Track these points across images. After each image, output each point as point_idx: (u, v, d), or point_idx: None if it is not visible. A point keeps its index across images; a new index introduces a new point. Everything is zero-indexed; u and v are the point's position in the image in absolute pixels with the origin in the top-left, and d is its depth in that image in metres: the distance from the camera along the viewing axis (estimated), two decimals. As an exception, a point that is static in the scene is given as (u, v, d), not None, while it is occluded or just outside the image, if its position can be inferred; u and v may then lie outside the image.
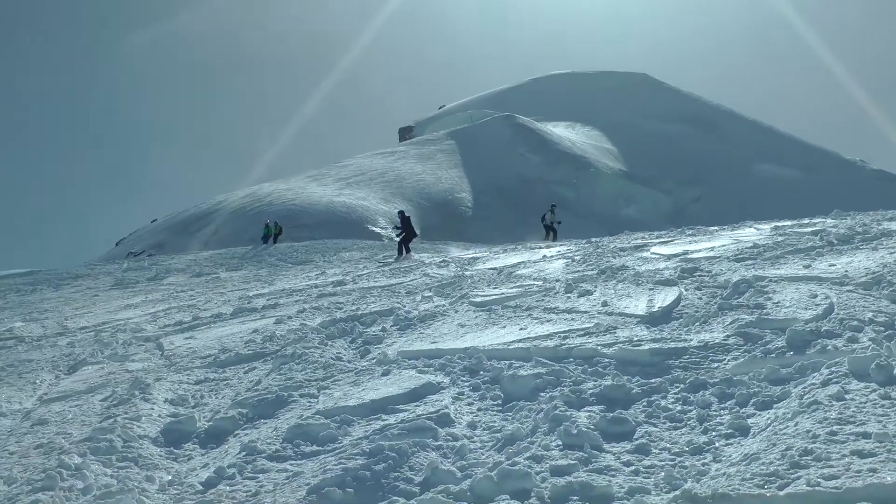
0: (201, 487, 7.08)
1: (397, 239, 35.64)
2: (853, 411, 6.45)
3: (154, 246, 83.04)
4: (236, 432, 8.65)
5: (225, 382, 11.02)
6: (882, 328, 9.02)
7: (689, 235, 22.79)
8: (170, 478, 7.46)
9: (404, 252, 32.96)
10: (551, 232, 41.21)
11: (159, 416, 9.53)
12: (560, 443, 6.87)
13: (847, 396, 6.80)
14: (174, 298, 24.36)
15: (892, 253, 13.82)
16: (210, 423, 9.04)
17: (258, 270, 33.28)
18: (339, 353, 11.70)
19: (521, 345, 10.37)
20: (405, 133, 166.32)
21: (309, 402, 9.24)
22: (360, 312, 14.95)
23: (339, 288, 21.00)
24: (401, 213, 37.82)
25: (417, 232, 36.75)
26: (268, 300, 20.03)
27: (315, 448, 7.58)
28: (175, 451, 8.35)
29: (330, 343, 12.46)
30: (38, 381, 12.73)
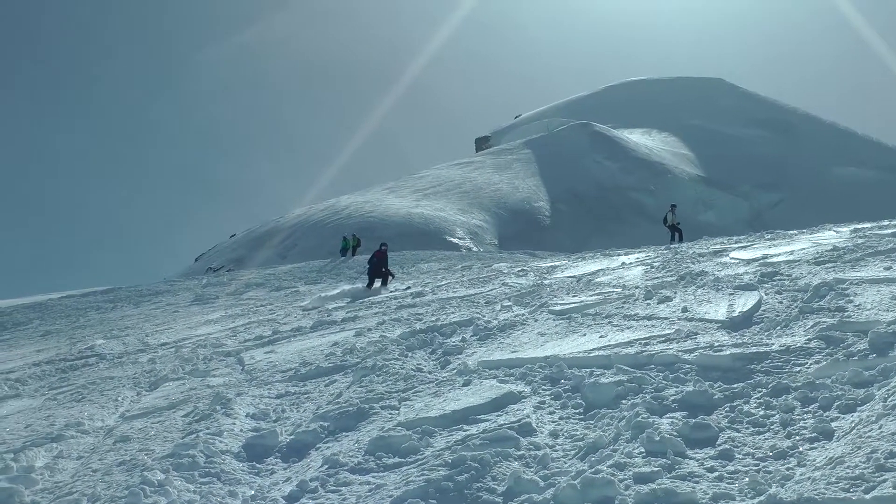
0: (284, 502, 7.13)
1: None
2: (938, 413, 6.36)
3: (233, 261, 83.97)
4: (318, 445, 8.70)
5: (306, 396, 11.09)
6: (966, 329, 8.87)
7: (768, 239, 22.54)
8: (252, 492, 7.53)
9: (376, 283, 29.23)
10: (676, 233, 39.10)
11: (241, 430, 9.61)
12: (643, 450, 6.83)
13: (931, 398, 6.70)
14: (254, 313, 24.60)
15: (975, 253, 13.60)
16: (292, 436, 9.10)
17: (337, 283, 33.47)
18: (420, 364, 11.73)
19: (601, 352, 10.33)
20: (482, 143, 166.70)
21: (390, 413, 9.27)
22: (439, 323, 14.98)
23: (418, 299, 21.07)
24: (385, 244, 32.63)
25: (392, 273, 31.15)
26: (347, 313, 20.14)
27: (397, 460, 7.60)
28: (257, 465, 8.41)
29: (410, 354, 12.50)
30: (119, 398, 12.90)
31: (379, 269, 29.50)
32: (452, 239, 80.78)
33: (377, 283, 29.13)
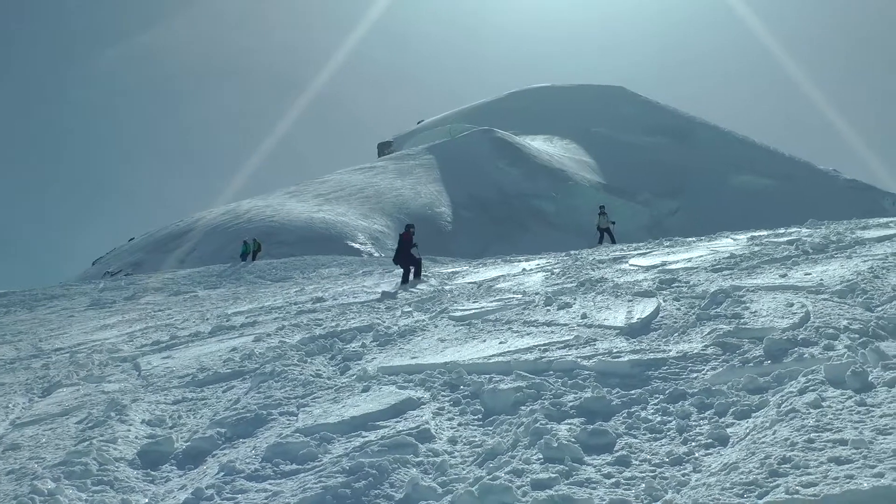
0: (179, 509, 7.05)
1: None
2: (830, 419, 6.49)
3: (131, 265, 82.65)
4: (215, 452, 8.61)
5: (203, 402, 10.97)
6: (857, 335, 9.08)
7: (667, 247, 22.88)
8: (146, 500, 7.44)
9: (409, 277, 25.24)
10: (607, 234, 38.92)
11: (136, 437, 9.47)
12: (541, 456, 6.88)
13: (824, 404, 6.83)
14: (151, 318, 24.26)
15: (865, 261, 13.94)
16: (188, 443, 8.99)
17: (237, 288, 33.17)
18: (319, 370, 11.66)
19: (501, 358, 10.37)
20: (384, 148, 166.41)
21: (288, 420, 9.20)
22: (339, 329, 14.93)
23: (318, 304, 20.97)
24: (412, 226, 27.75)
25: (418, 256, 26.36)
26: (246, 318, 19.98)
27: (295, 467, 7.54)
28: (152, 472, 8.30)
29: (309, 360, 12.41)
30: (10, 405, 12.64)
31: (407, 256, 25.79)
32: (354, 244, 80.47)
33: (411, 276, 25.54)
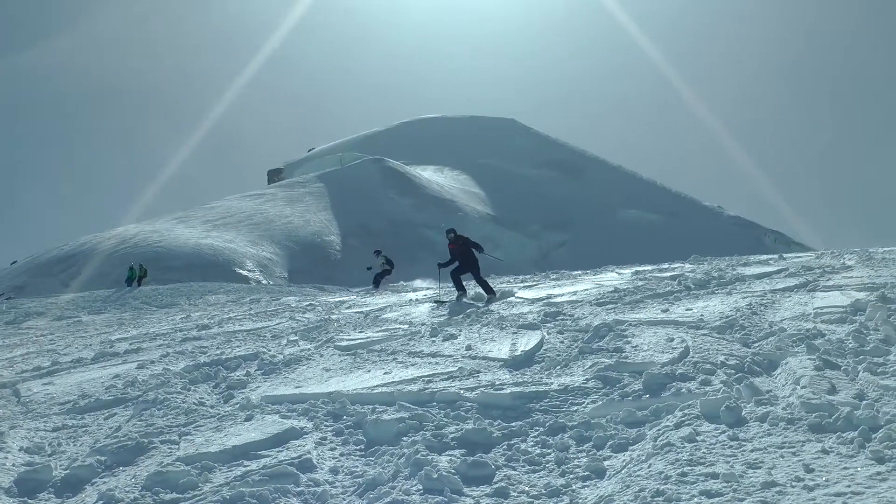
0: (56, 538, 6.96)
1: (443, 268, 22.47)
2: (703, 452, 6.67)
3: (13, 289, 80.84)
4: (94, 480, 8.47)
5: (84, 429, 10.79)
6: (733, 371, 9.34)
7: (553, 279, 23.17)
8: (23, 529, 7.31)
9: (464, 287, 21.55)
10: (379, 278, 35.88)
11: (13, 465, 9.28)
12: (421, 487, 6.93)
13: (698, 438, 7.02)
14: (33, 343, 23.76)
15: (745, 297, 14.31)
16: (67, 471, 8.83)
17: (121, 314, 32.68)
18: (202, 398, 11.56)
19: (385, 389, 10.41)
20: (274, 175, 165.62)
21: (170, 448, 9.11)
22: (224, 357, 14.80)
23: (203, 332, 20.77)
24: (452, 230, 22.61)
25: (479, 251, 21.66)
26: (130, 344, 19.68)
27: (175, 496, 7.47)
28: (29, 501, 8.14)
29: (193, 388, 12.30)
30: None
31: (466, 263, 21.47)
32: (242, 271, 79.90)
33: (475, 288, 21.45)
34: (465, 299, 20.56)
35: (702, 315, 12.95)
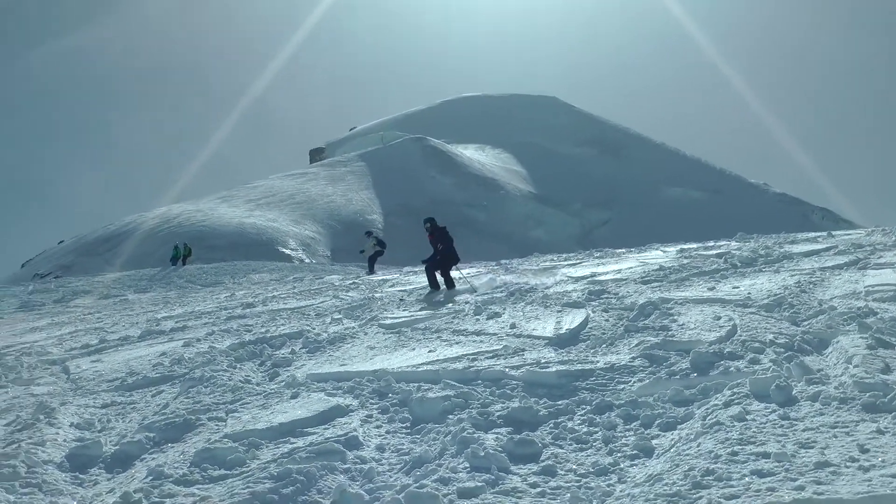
0: (107, 513, 6.99)
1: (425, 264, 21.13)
2: (753, 432, 6.58)
3: (61, 268, 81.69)
4: (143, 456, 8.52)
5: (132, 406, 10.86)
6: (782, 349, 9.23)
7: (597, 258, 23.06)
8: (75, 503, 7.35)
9: (439, 284, 20.51)
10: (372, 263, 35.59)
11: (64, 440, 9.35)
12: (467, 465, 6.90)
13: (748, 417, 6.93)
14: (81, 321, 23.97)
15: (792, 275, 14.16)
16: (116, 447, 8.88)
17: (167, 292, 32.95)
18: (248, 375, 11.61)
19: (429, 367, 10.39)
20: (316, 155, 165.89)
21: (217, 425, 9.14)
22: (269, 335, 14.86)
23: (248, 310, 20.86)
24: (430, 220, 21.86)
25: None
26: (176, 322, 19.81)
27: (223, 472, 7.48)
28: (81, 476, 8.20)
29: (238, 366, 12.35)
30: (-63, 406, 12.46)
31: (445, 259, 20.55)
32: (285, 250, 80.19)
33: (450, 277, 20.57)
34: (436, 296, 19.30)
35: (749, 293, 12.83)
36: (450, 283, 20.06)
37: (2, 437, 9.86)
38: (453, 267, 20.60)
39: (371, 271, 32.97)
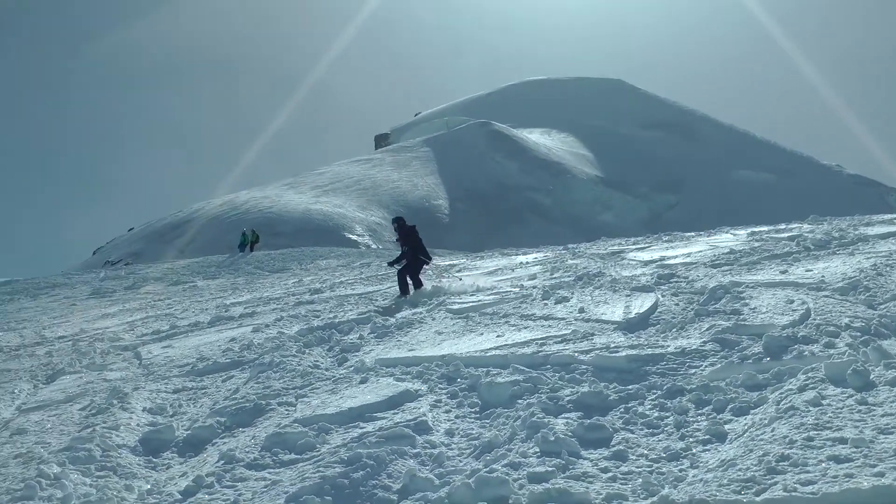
0: (180, 496, 7.05)
1: (396, 267, 20.31)
2: (830, 417, 6.48)
3: (131, 255, 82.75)
4: (214, 441, 8.64)
5: (203, 391, 11.00)
6: (858, 333, 9.07)
7: (666, 241, 22.89)
8: (149, 487, 7.44)
9: (409, 288, 19.40)
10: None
11: (138, 425, 9.50)
12: (537, 450, 6.87)
13: (824, 402, 6.83)
14: (151, 307, 24.29)
15: (868, 258, 13.91)
16: (188, 431, 9.02)
17: (235, 279, 33.21)
18: (317, 361, 11.69)
19: (498, 352, 10.38)
20: (381, 140, 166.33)
21: (287, 410, 9.22)
22: (337, 320, 14.94)
23: (316, 296, 20.97)
24: (397, 220, 21.33)
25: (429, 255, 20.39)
26: (245, 308, 19.98)
27: (293, 456, 7.56)
28: (154, 459, 8.33)
29: (307, 351, 12.45)
30: (16, 391, 12.67)
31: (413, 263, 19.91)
32: (351, 236, 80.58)
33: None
34: (407, 298, 18.46)
35: (823, 276, 12.63)
36: (418, 284, 19.40)
37: (77, 421, 10.05)
38: (423, 267, 20.00)
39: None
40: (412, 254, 19.57)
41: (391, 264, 20.43)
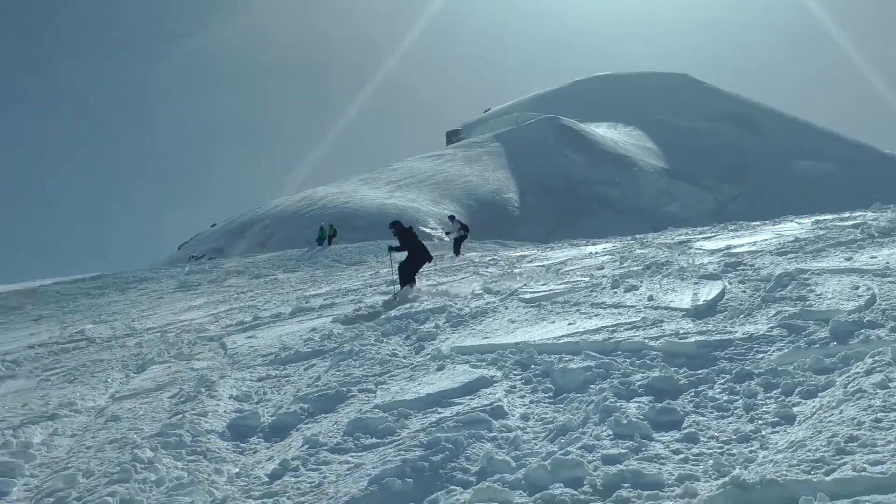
0: (267, 479, 7.15)
1: (395, 254, 21.85)
2: (897, 399, 6.42)
3: (214, 250, 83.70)
4: (299, 426, 8.74)
5: (286, 379, 11.12)
6: (924, 318, 8.95)
7: (732, 230, 22.71)
8: (237, 470, 7.55)
9: (408, 284, 19.68)
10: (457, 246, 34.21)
11: (225, 411, 9.64)
12: (611, 432, 6.88)
13: (891, 384, 6.74)
14: (235, 299, 24.57)
15: (933, 245, 13.71)
16: (273, 417, 9.14)
17: (314, 271, 33.46)
18: (395, 349, 11.76)
19: (570, 339, 10.36)
20: (452, 136, 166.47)
21: (367, 396, 9.30)
22: (413, 310, 15.00)
23: (392, 287, 21.08)
24: (395, 223, 21.47)
25: (431, 255, 20.87)
26: (324, 300, 20.13)
27: (374, 440, 7.64)
28: (241, 444, 8.44)
29: (385, 340, 12.53)
30: (109, 380, 12.94)
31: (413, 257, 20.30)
32: (425, 229, 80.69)
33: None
34: (410, 293, 18.63)
35: (888, 263, 12.44)
36: (412, 282, 19.71)
37: (167, 408, 10.22)
38: (422, 266, 20.49)
39: (457, 253, 32.64)
40: (414, 254, 20.11)
41: (392, 249, 21.10)
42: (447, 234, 36.61)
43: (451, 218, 36.56)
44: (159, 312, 23.37)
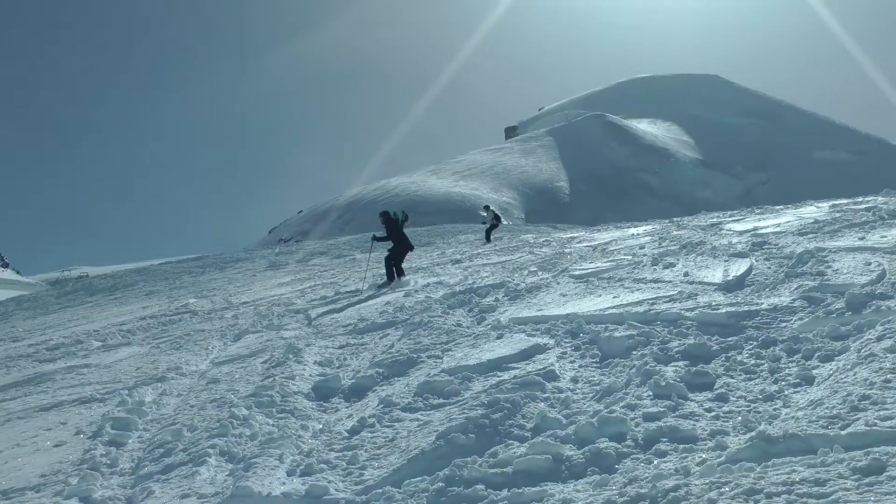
0: (347, 434, 7.24)
1: (379, 244, 21.33)
2: (905, 362, 6.35)
3: (300, 233, 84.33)
4: (374, 388, 8.81)
5: (363, 347, 11.20)
6: (930, 290, 8.82)
7: (758, 214, 22.40)
8: (321, 426, 7.65)
9: (395, 275, 19.23)
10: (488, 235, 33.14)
11: (310, 375, 9.74)
12: (651, 393, 6.87)
13: (900, 349, 6.68)
14: (319, 277, 24.68)
15: (940, 225, 13.47)
16: (352, 380, 9.21)
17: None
18: (459, 320, 11.79)
19: (614, 310, 10.32)
20: (510, 132, 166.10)
21: (435, 362, 9.35)
22: (475, 286, 15.00)
23: (457, 265, 21.10)
24: (384, 213, 20.73)
25: (412, 244, 20.52)
26: (398, 277, 20.17)
27: (441, 401, 7.69)
28: (324, 404, 8.54)
29: (451, 312, 12.55)
30: (209, 347, 13.12)
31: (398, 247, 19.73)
32: (485, 214, 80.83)
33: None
34: (390, 286, 18.30)
35: (897, 241, 12.28)
36: (400, 273, 19.41)
37: (260, 372, 10.35)
38: (405, 256, 20.12)
39: (488, 240, 31.91)
40: (398, 243, 19.79)
41: (376, 238, 20.46)
42: (482, 222, 36.11)
43: (486, 207, 36.22)
44: (252, 288, 23.57)
